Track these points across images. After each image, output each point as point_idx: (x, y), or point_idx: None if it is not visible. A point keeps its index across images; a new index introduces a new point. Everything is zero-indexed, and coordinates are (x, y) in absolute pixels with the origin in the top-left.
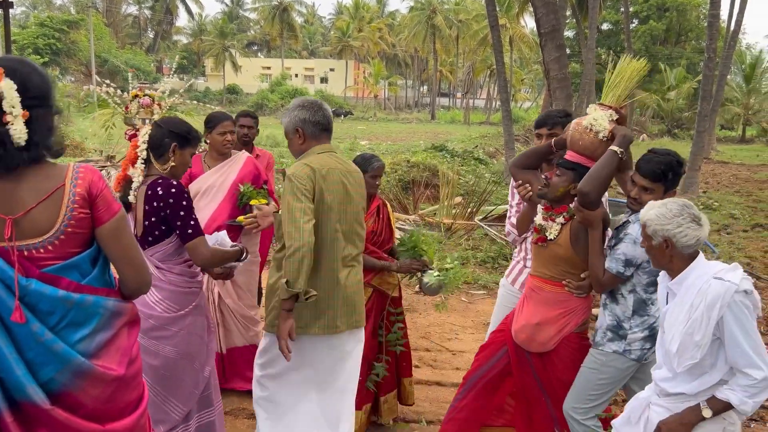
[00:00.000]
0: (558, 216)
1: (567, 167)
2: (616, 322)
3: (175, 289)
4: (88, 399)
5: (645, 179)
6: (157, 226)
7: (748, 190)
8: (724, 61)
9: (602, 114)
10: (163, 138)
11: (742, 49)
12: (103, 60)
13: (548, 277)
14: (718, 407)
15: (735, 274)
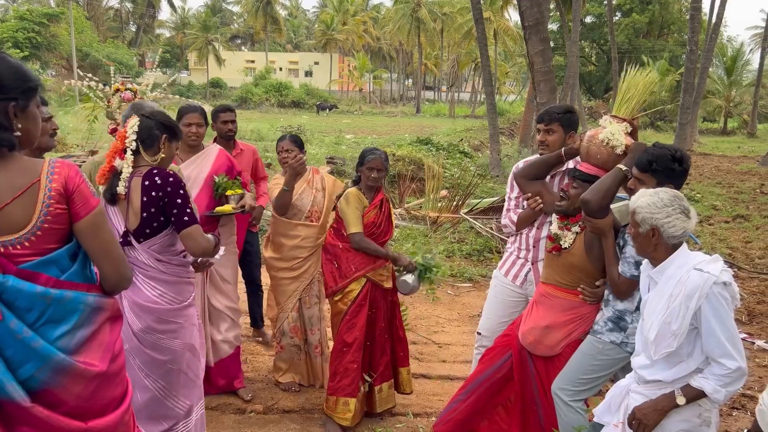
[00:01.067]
0: (573, 225)
1: (584, 179)
2: (618, 315)
3: (176, 280)
4: (69, 396)
5: (636, 170)
6: (156, 217)
7: (730, 182)
8: (706, 54)
9: (618, 128)
10: (153, 129)
11: (723, 42)
12: (85, 54)
13: (562, 285)
14: (692, 395)
15: (715, 266)
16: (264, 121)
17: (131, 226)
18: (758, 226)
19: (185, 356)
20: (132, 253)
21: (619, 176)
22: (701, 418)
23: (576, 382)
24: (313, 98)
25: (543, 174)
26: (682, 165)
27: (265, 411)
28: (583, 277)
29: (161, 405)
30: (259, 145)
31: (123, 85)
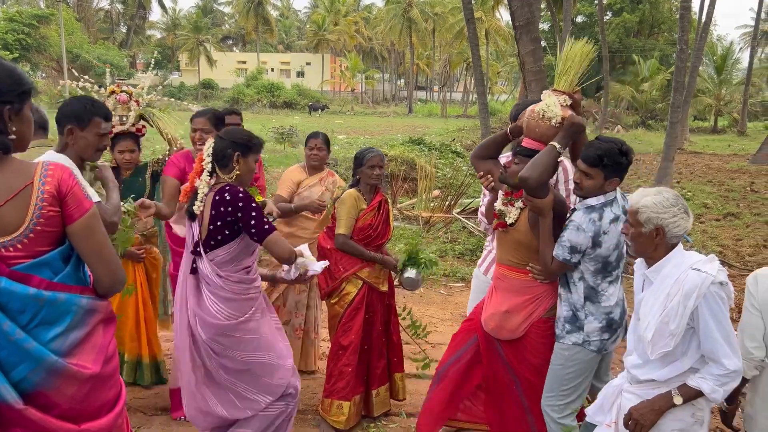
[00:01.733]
0: (517, 201)
1: (525, 155)
2: (572, 312)
3: (235, 297)
4: (62, 398)
5: (583, 164)
6: (221, 231)
7: (720, 180)
8: (696, 53)
9: (554, 100)
10: (225, 149)
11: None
12: (75, 55)
13: (513, 264)
14: (689, 395)
15: (712, 266)
16: (256, 122)
17: (201, 238)
18: (748, 224)
19: (251, 364)
20: (200, 264)
21: (553, 153)
22: (695, 417)
23: (560, 395)
24: (305, 99)
25: (493, 153)
26: (627, 158)
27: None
28: (531, 254)
29: (242, 399)
30: None
31: (118, 88)
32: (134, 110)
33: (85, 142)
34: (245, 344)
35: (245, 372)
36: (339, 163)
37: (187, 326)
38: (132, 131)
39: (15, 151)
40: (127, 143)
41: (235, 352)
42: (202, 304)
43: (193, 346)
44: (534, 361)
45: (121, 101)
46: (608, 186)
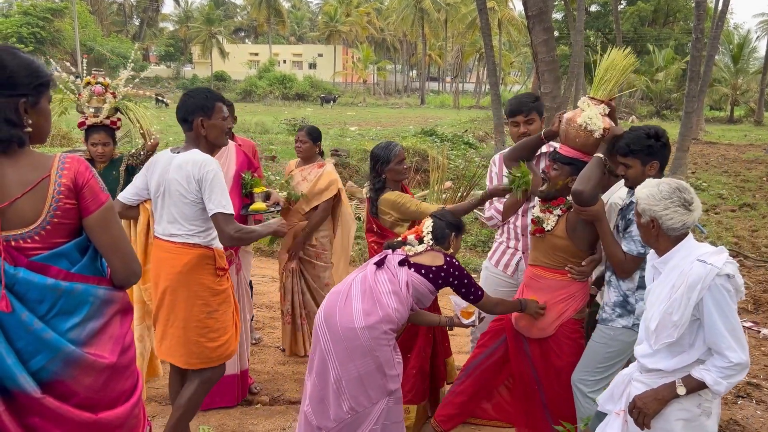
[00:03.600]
0: (555, 208)
1: (564, 162)
2: (623, 298)
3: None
4: (80, 387)
5: (619, 156)
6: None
7: (736, 170)
8: (712, 42)
9: (596, 112)
10: (444, 229)
11: (729, 30)
12: (89, 48)
13: (548, 266)
14: (693, 386)
15: (719, 258)
16: (268, 114)
17: (413, 259)
18: (765, 215)
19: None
20: (396, 271)
21: (600, 163)
22: (701, 408)
23: (594, 372)
24: (317, 90)
25: (527, 156)
26: (659, 140)
27: (271, 402)
28: (568, 257)
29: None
30: (263, 138)
31: (94, 78)
32: (109, 102)
33: (216, 130)
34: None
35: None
36: (351, 155)
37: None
38: (106, 123)
39: (33, 143)
40: (101, 135)
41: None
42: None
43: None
44: (557, 363)
45: (96, 93)
46: (649, 170)
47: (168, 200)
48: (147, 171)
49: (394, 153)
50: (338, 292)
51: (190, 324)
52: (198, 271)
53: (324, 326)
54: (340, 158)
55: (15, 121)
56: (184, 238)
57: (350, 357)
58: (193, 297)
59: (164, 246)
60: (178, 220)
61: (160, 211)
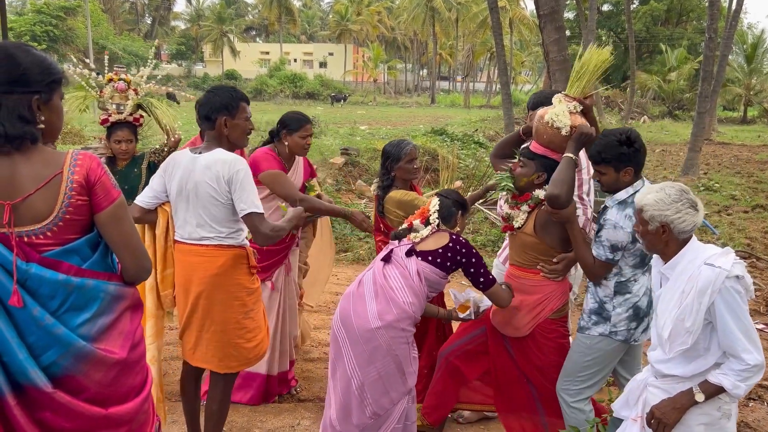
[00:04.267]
0: (522, 204)
1: (529, 157)
2: (599, 305)
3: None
4: (90, 383)
5: (593, 163)
6: (445, 266)
7: (749, 171)
8: (725, 42)
9: (563, 108)
10: (450, 207)
11: (743, 29)
12: (101, 47)
13: (521, 265)
14: (711, 391)
15: (726, 260)
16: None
17: (418, 247)
18: None
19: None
20: (405, 263)
21: (572, 164)
22: (721, 411)
23: (576, 381)
24: (327, 89)
25: (509, 152)
26: (631, 146)
27: (280, 400)
28: (538, 256)
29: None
30: None
31: (116, 75)
32: (132, 99)
33: (238, 130)
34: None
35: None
36: (360, 154)
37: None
38: (129, 120)
39: (44, 140)
40: (124, 133)
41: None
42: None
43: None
44: (537, 362)
45: (119, 89)
46: (623, 177)
47: (196, 203)
48: (164, 172)
49: (405, 151)
50: (350, 294)
51: (229, 326)
52: (234, 271)
53: (342, 330)
54: (350, 156)
55: (28, 118)
56: (217, 240)
57: (370, 359)
58: (231, 298)
59: (195, 250)
60: (209, 222)
61: (184, 214)
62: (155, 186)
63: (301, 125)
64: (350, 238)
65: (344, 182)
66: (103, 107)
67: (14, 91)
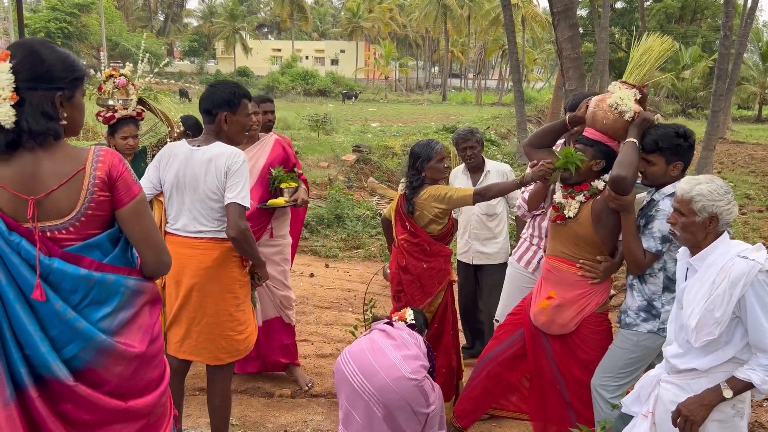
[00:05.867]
0: (578, 194)
1: (588, 144)
2: (647, 302)
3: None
4: (111, 376)
5: (643, 151)
6: None
7: (764, 170)
8: (741, 39)
9: (628, 93)
10: (422, 324)
11: (759, 27)
12: (114, 43)
13: (566, 257)
14: (739, 387)
15: (760, 254)
16: (290, 110)
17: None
18: None
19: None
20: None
21: (636, 149)
22: (735, 408)
23: (617, 377)
24: (339, 86)
25: (549, 142)
26: (687, 140)
27: (293, 395)
28: (588, 248)
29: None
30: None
31: (116, 71)
32: (132, 94)
33: (238, 126)
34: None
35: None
36: (372, 151)
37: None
38: (133, 115)
39: (67, 136)
40: (130, 128)
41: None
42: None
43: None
44: (582, 357)
45: (120, 85)
46: (672, 170)
47: (193, 196)
48: (159, 163)
49: (435, 151)
50: (363, 350)
51: (222, 318)
52: (228, 264)
53: (368, 386)
54: (362, 154)
55: (51, 114)
56: (213, 233)
57: (403, 406)
58: (224, 291)
59: (189, 242)
60: (205, 215)
61: (179, 206)
62: (151, 177)
63: (258, 103)
64: (362, 235)
65: (356, 179)
66: (104, 104)
67: (38, 88)
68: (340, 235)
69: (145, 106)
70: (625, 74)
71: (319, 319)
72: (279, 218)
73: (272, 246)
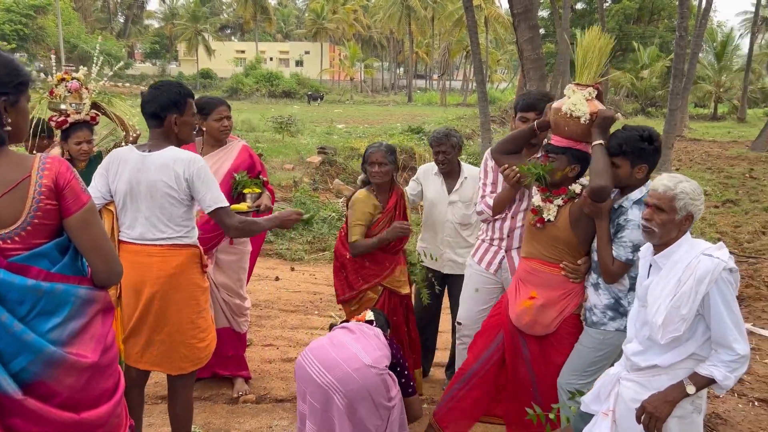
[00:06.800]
0: (557, 198)
1: (558, 152)
2: (614, 300)
3: None
4: (62, 388)
5: (609, 155)
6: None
7: (720, 167)
8: (696, 40)
9: (579, 97)
10: (383, 324)
11: (713, 27)
12: (73, 45)
13: (547, 259)
14: (701, 383)
15: (723, 252)
16: (255, 112)
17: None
18: (747, 211)
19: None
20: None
21: (605, 152)
22: (694, 405)
23: (582, 375)
24: (304, 88)
25: (518, 148)
26: (652, 143)
27: (258, 400)
28: (567, 251)
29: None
30: (250, 136)
31: (68, 75)
32: (86, 98)
33: (187, 127)
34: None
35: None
36: (338, 153)
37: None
38: (87, 120)
39: (11, 143)
40: (84, 133)
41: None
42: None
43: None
44: (558, 359)
45: (73, 89)
46: (637, 173)
47: (150, 203)
48: (107, 171)
49: (367, 153)
50: (323, 345)
51: (184, 326)
52: (190, 271)
53: (329, 377)
54: (327, 155)
55: None
56: (174, 239)
57: (364, 396)
58: (187, 298)
59: (147, 250)
60: (164, 221)
61: (134, 214)
62: (99, 186)
63: (213, 108)
64: (328, 238)
65: (321, 181)
66: (56, 108)
67: None
68: (305, 238)
69: (100, 110)
70: (576, 75)
71: (285, 323)
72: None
73: (231, 253)
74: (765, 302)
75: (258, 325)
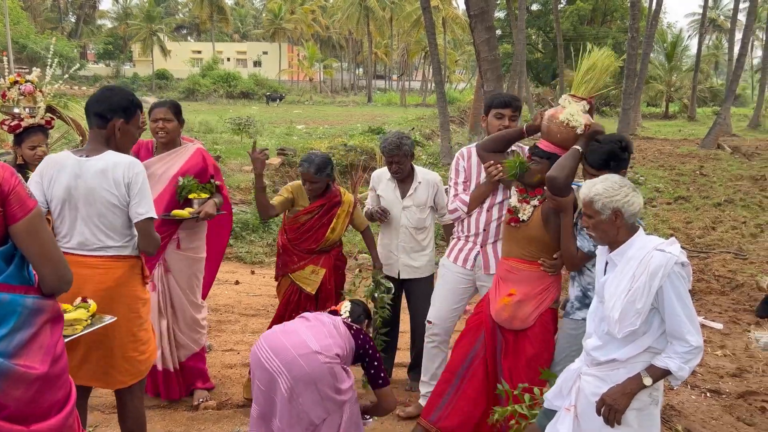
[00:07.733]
0: (533, 199)
1: (543, 156)
2: (582, 293)
3: None
4: (10, 400)
5: (592, 168)
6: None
7: (671, 164)
8: (647, 40)
9: (577, 109)
10: (359, 314)
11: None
12: (22, 46)
13: (525, 258)
14: (657, 375)
15: (675, 247)
16: (212, 113)
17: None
18: (698, 207)
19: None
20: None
21: (577, 155)
22: (651, 397)
23: (557, 366)
24: (262, 89)
25: (503, 148)
26: (628, 152)
27: (219, 407)
28: (542, 249)
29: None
30: (207, 138)
31: (21, 77)
32: (41, 101)
33: (128, 136)
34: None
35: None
36: (298, 154)
37: None
38: (41, 124)
39: None
40: (39, 137)
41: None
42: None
43: None
44: (530, 351)
45: (26, 92)
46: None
47: (89, 210)
48: (42, 178)
49: (299, 169)
50: (275, 332)
51: (124, 340)
52: (130, 283)
53: (276, 361)
54: (287, 157)
55: None
56: (115, 250)
57: (309, 383)
58: (128, 311)
59: (86, 262)
60: (105, 231)
61: (71, 222)
62: (36, 194)
63: (151, 110)
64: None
65: (281, 183)
66: (9, 112)
67: None
68: (265, 241)
69: (55, 113)
70: (573, 87)
71: (245, 327)
72: (188, 229)
73: (180, 259)
74: (715, 295)
75: (218, 330)
